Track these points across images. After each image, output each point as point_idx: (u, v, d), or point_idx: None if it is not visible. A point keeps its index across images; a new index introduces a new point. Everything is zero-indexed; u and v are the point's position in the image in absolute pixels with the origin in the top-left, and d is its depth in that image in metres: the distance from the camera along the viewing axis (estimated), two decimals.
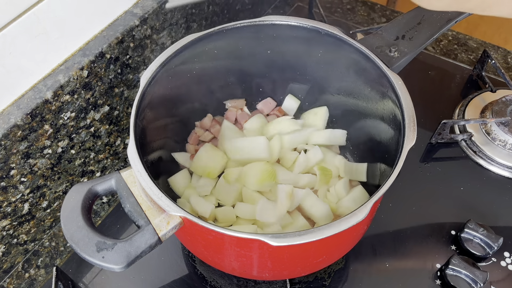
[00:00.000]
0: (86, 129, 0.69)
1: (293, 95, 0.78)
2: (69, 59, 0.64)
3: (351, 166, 0.71)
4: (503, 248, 0.68)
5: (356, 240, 0.61)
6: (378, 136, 0.66)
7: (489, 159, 0.77)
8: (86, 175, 0.74)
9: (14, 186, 0.62)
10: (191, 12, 0.80)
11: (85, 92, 0.66)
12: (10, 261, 0.67)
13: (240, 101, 0.78)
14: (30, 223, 0.67)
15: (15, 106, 0.59)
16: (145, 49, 0.73)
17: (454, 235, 0.70)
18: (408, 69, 0.67)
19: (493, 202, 0.73)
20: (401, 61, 0.63)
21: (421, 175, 0.77)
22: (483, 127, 0.79)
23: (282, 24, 0.66)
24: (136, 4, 0.72)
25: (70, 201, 0.51)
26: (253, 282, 0.65)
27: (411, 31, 0.66)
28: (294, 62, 0.72)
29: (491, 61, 0.84)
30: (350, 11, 1.04)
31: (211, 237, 0.51)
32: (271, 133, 0.73)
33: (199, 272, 0.67)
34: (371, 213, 0.54)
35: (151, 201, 0.51)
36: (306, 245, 0.50)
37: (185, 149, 0.75)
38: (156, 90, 0.61)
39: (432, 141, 0.80)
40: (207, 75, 0.71)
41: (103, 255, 0.47)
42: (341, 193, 0.67)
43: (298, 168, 0.70)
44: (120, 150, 0.78)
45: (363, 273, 0.66)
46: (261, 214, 0.63)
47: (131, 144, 0.53)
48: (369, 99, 0.66)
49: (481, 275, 0.62)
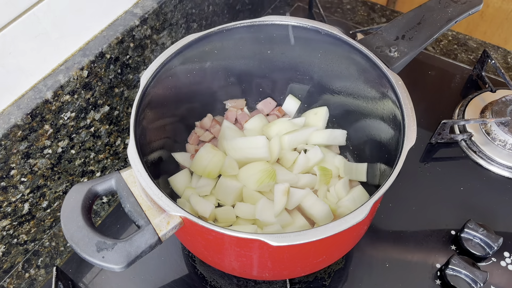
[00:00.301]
0: (86, 129, 0.69)
1: (293, 95, 0.78)
2: (69, 59, 0.64)
3: (351, 166, 0.71)
4: (503, 248, 0.68)
5: (356, 240, 0.61)
6: (378, 136, 0.66)
7: (489, 159, 0.77)
8: (86, 175, 0.74)
9: (14, 186, 0.62)
10: (191, 12, 0.80)
11: (85, 92, 0.66)
12: (10, 261, 0.67)
13: (240, 101, 0.78)
14: (30, 223, 0.67)
15: (15, 106, 0.59)
16: (145, 49, 0.73)
17: (454, 235, 0.70)
18: (408, 69, 0.67)
19: (493, 202, 0.73)
20: (401, 61, 0.63)
21: (421, 175, 0.77)
22: (483, 127, 0.79)
23: (282, 24, 0.66)
24: (136, 4, 0.72)
25: (70, 201, 0.51)
26: (253, 282, 0.65)
27: (411, 31, 0.66)
28: (294, 62, 0.72)
29: (491, 61, 0.84)
30: (350, 11, 1.04)
31: (211, 237, 0.51)
32: (271, 133, 0.73)
33: (199, 272, 0.67)
34: (371, 213, 0.54)
35: (151, 201, 0.51)
36: (306, 245, 0.50)
37: (185, 149, 0.75)
38: (156, 90, 0.61)
39: (432, 141, 0.80)
40: (207, 75, 0.71)
41: (103, 255, 0.47)
42: (341, 193, 0.67)
43: (298, 168, 0.70)
44: (120, 150, 0.79)
45: (363, 273, 0.66)
46: (261, 214, 0.63)
47: (131, 144, 0.53)
48: (369, 99, 0.66)
49: (481, 275, 0.62)
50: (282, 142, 0.72)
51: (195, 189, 0.69)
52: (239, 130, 0.76)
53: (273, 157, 0.70)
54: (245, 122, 0.76)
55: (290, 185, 0.66)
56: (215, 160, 0.69)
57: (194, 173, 0.71)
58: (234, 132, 0.74)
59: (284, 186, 0.64)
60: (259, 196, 0.66)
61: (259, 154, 0.69)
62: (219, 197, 0.68)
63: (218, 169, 0.69)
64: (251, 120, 0.76)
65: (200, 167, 0.69)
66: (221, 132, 0.75)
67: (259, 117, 0.76)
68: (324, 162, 0.71)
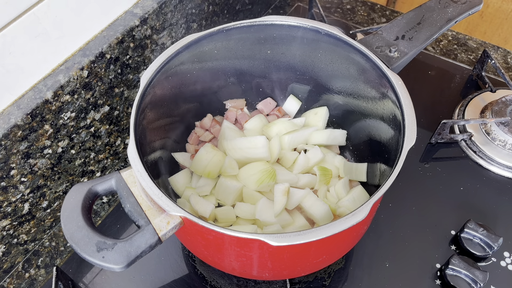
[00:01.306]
0: (86, 129, 0.69)
1: (293, 95, 0.78)
2: (69, 59, 0.64)
3: (351, 166, 0.71)
4: (503, 248, 0.68)
5: (356, 240, 0.61)
6: (378, 136, 0.66)
7: (489, 159, 0.77)
8: (86, 175, 0.74)
9: (14, 186, 0.62)
10: (191, 12, 0.80)
11: (85, 92, 0.66)
12: (10, 261, 0.67)
13: (240, 101, 0.78)
14: (30, 223, 0.67)
15: (15, 106, 0.59)
16: (145, 49, 0.73)
17: (454, 235, 0.70)
18: (408, 69, 0.67)
19: (493, 202, 0.73)
20: (401, 61, 0.63)
21: (421, 175, 0.77)
22: (483, 127, 0.79)
23: (282, 24, 0.66)
24: (136, 4, 0.72)
25: (70, 201, 0.51)
26: (253, 282, 0.65)
27: (411, 31, 0.66)
28: (294, 62, 0.72)
29: (491, 61, 0.84)
30: (350, 11, 1.04)
31: (211, 237, 0.51)
32: (271, 133, 0.73)
33: (199, 272, 0.67)
34: (371, 213, 0.54)
35: (151, 201, 0.51)
36: (306, 245, 0.50)
37: (185, 149, 0.75)
38: (156, 90, 0.61)
39: (432, 141, 0.80)
40: (207, 75, 0.71)
41: (103, 255, 0.47)
42: (341, 193, 0.67)
43: (298, 168, 0.70)
44: (120, 150, 0.79)
45: (363, 273, 0.66)
46: (261, 214, 0.63)
47: (131, 144, 0.53)
48: (369, 99, 0.66)
49: (481, 275, 0.62)
50: (282, 142, 0.72)
51: (195, 189, 0.69)
52: (239, 130, 0.76)
53: (273, 157, 0.70)
54: (245, 122, 0.76)
55: (290, 185, 0.66)
56: (215, 160, 0.69)
57: (194, 173, 0.71)
58: (234, 132, 0.74)
59: (284, 186, 0.64)
60: (259, 196, 0.66)
61: (259, 154, 0.69)
62: (219, 197, 0.68)
63: (218, 169, 0.69)
64: (251, 120, 0.76)
65: (200, 167, 0.69)
66: (221, 132, 0.75)
67: (259, 117, 0.76)
68: (324, 162, 0.72)
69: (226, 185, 0.67)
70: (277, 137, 0.71)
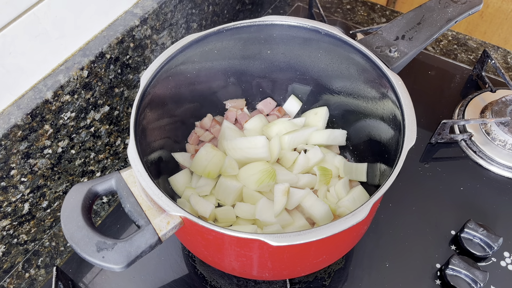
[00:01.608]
0: (86, 129, 0.69)
1: (294, 95, 0.78)
2: (69, 59, 0.64)
3: (351, 166, 0.71)
4: (503, 248, 0.68)
5: (356, 240, 0.61)
6: (378, 136, 0.66)
7: (489, 159, 0.77)
8: (86, 175, 0.74)
9: (14, 186, 0.62)
10: (191, 12, 0.80)
11: (85, 92, 0.66)
12: (10, 261, 0.67)
13: (240, 101, 0.78)
14: (30, 223, 0.67)
15: (15, 106, 0.59)
16: (145, 49, 0.73)
17: (454, 235, 0.70)
18: (408, 69, 0.67)
19: (493, 202, 0.73)
20: (401, 61, 0.63)
21: (421, 175, 0.77)
22: (483, 127, 0.79)
23: (282, 24, 0.66)
24: (136, 4, 0.72)
25: (70, 201, 0.51)
26: (253, 282, 0.65)
27: (411, 31, 0.66)
28: (294, 62, 0.72)
29: (491, 61, 0.84)
30: (350, 11, 1.04)
31: (211, 237, 0.51)
32: (271, 133, 0.73)
33: (199, 272, 0.67)
34: (371, 213, 0.54)
35: (151, 201, 0.51)
36: (306, 245, 0.50)
37: (185, 149, 0.75)
38: (156, 90, 0.61)
39: (432, 141, 0.80)
40: (207, 75, 0.71)
41: (103, 255, 0.47)
42: (341, 193, 0.67)
43: (298, 168, 0.70)
44: (120, 150, 0.79)
45: (363, 273, 0.66)
46: (261, 214, 0.63)
47: (131, 144, 0.53)
48: (369, 99, 0.66)
49: (481, 275, 0.62)
50: (282, 142, 0.72)
51: (195, 189, 0.69)
52: (239, 130, 0.76)
53: (273, 157, 0.70)
54: (245, 122, 0.76)
55: (290, 185, 0.66)
56: (215, 160, 0.69)
57: (194, 173, 0.71)
58: (234, 132, 0.74)
59: (284, 186, 0.64)
60: (259, 196, 0.66)
61: (259, 154, 0.69)
62: (219, 197, 0.68)
63: (218, 169, 0.69)
64: (251, 120, 0.76)
65: (200, 167, 0.69)
66: (221, 132, 0.75)
67: (259, 117, 0.76)
68: (324, 162, 0.71)
69: (226, 185, 0.67)
70: (277, 137, 0.71)
